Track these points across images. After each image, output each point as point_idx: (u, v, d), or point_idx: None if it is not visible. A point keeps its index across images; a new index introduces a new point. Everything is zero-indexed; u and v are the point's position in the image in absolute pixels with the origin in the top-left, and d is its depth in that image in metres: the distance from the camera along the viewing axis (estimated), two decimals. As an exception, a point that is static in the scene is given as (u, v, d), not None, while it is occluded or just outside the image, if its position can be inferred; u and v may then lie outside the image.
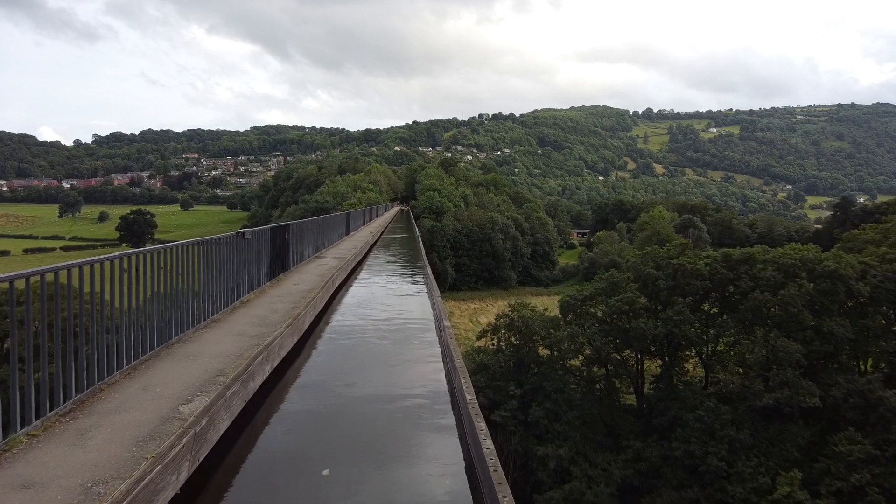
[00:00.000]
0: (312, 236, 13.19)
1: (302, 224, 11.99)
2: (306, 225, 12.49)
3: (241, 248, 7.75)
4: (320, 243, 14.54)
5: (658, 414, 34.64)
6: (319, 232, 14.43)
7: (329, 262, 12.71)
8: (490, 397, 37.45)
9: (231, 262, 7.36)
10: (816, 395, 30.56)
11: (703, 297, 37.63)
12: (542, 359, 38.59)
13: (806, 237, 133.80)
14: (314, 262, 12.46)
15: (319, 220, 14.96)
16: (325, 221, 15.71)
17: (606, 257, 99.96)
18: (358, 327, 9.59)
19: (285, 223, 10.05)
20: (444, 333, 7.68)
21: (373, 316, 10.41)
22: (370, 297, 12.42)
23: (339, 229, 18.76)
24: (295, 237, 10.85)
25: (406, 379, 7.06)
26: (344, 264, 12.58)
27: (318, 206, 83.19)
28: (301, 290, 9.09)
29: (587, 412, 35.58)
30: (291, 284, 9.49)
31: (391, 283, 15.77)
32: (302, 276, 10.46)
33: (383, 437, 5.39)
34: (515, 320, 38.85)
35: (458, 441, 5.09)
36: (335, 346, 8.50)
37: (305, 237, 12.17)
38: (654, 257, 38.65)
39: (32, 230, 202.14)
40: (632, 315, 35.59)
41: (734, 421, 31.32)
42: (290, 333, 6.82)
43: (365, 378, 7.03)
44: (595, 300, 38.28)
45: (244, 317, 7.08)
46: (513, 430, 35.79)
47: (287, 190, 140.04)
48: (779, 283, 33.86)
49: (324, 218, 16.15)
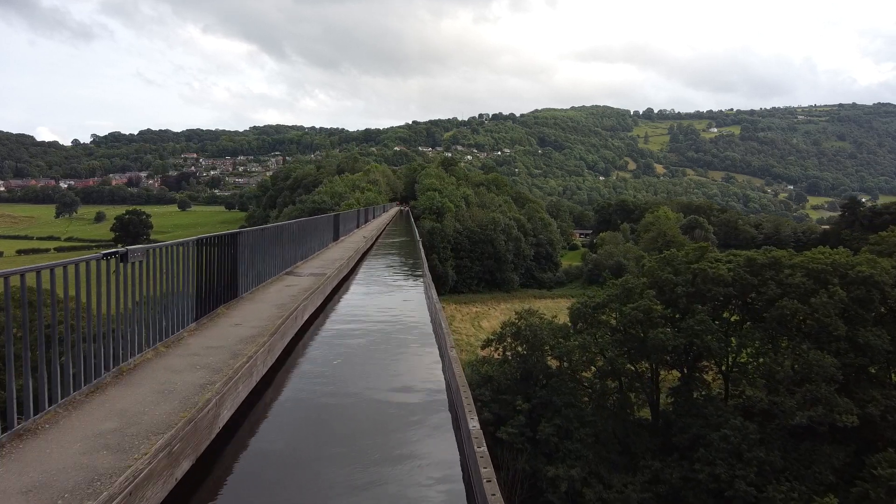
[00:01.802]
0: (282, 247, 10.32)
1: (263, 232, 8.97)
2: (270, 233, 9.48)
3: (137, 274, 4.87)
4: (295, 254, 11.62)
5: (678, 431, 32.00)
6: (294, 240, 11.52)
7: (302, 281, 9.76)
8: (496, 412, 34.86)
9: (110, 299, 4.42)
10: (854, 412, 27.96)
11: (723, 304, 34.96)
12: (551, 370, 35.98)
13: (813, 238, 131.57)
14: (280, 283, 9.53)
15: (293, 226, 11.60)
16: (302, 227, 12.34)
17: (611, 259, 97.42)
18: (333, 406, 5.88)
19: (233, 231, 7.30)
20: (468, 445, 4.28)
21: (353, 389, 6.44)
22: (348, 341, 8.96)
23: (325, 235, 15.84)
24: (250, 251, 8.09)
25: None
26: (321, 284, 9.69)
27: (316, 206, 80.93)
28: (241, 335, 6.09)
29: (601, 429, 32.97)
30: (230, 325, 6.52)
31: (386, 294, 13.18)
32: (254, 307, 7.48)
33: None
34: (522, 329, 36.24)
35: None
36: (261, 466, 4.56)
37: (270, 249, 9.38)
38: (672, 261, 35.99)
39: (28, 231, 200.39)
40: (648, 324, 32.95)
41: (763, 441, 28.69)
42: (173, 460, 3.50)
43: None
44: (608, 307, 35.64)
45: (97, 414, 3.88)
46: (520, 448, 33.18)
47: (285, 190, 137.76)
48: (809, 290, 31.24)
49: (301, 222, 12.49)
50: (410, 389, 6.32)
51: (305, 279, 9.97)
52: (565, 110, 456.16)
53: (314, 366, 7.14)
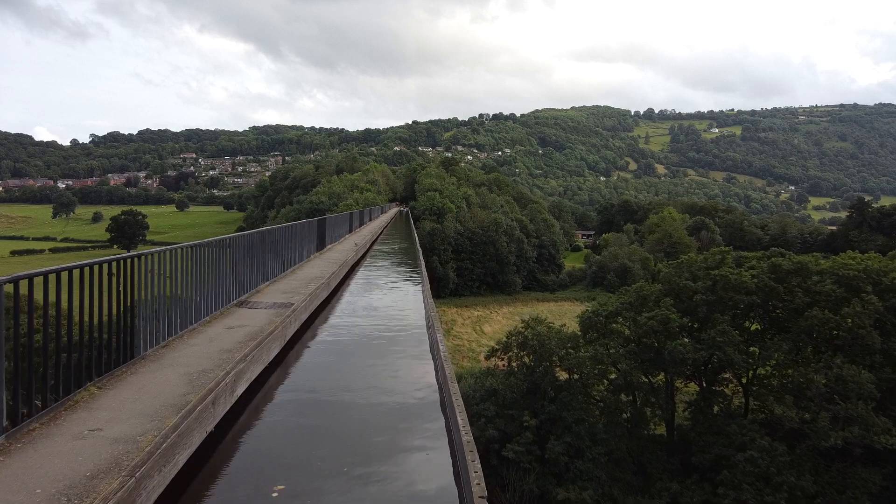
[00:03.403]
0: (234, 267, 7.46)
1: (197, 250, 6.21)
2: (212, 252, 6.64)
3: None
4: (257, 275, 8.82)
5: (698, 450, 29.66)
6: (257, 256, 8.72)
7: (255, 318, 6.84)
8: (501, 428, 32.51)
9: None
10: (894, 433, 25.63)
11: (745, 313, 32.59)
12: (560, 382, 33.65)
13: (820, 240, 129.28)
14: (222, 323, 6.61)
15: (254, 238, 8.59)
16: (269, 238, 9.40)
17: (616, 261, 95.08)
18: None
19: (132, 255, 4.92)
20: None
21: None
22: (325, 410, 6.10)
23: (305, 245, 13.01)
24: (171, 280, 5.42)
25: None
26: (281, 322, 6.79)
27: (313, 206, 78.94)
28: (74, 475, 3.13)
29: (614, 447, 30.63)
30: (74, 437, 3.58)
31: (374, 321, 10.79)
32: (150, 382, 4.53)
33: None
34: (530, 338, 33.89)
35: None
36: None
37: (214, 273, 6.66)
38: (691, 267, 33.63)
39: (24, 231, 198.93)
40: (665, 334, 30.61)
41: (793, 463, 26.37)
42: None
43: None
44: (622, 316, 33.29)
45: None
46: (528, 468, 30.85)
47: (283, 190, 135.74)
48: (840, 299, 28.93)
49: (268, 232, 9.50)
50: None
51: (262, 314, 7.15)
52: (566, 110, 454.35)
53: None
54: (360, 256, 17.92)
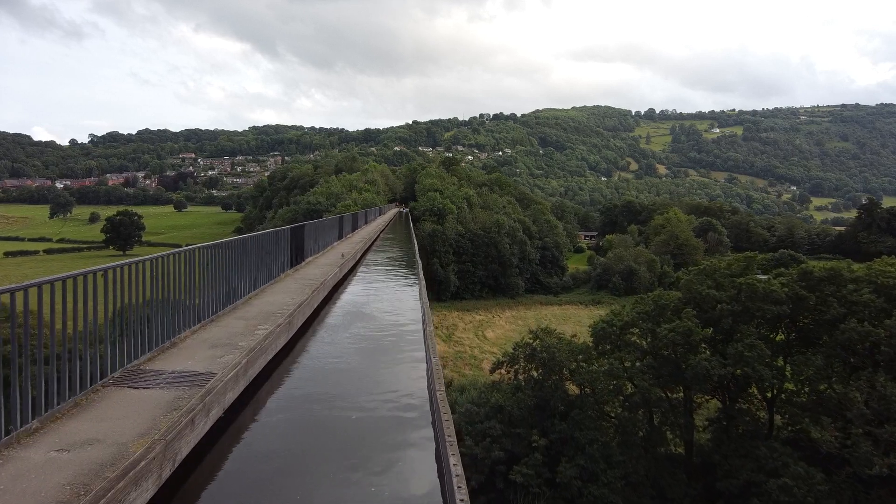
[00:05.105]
0: (93, 326, 4.37)
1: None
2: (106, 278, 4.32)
3: None
4: (174, 320, 5.94)
5: (724, 475, 27.18)
6: (186, 286, 6.18)
7: (133, 417, 3.97)
8: (507, 448, 30.03)
9: None
10: (944, 461, 23.22)
11: (772, 325, 30.06)
12: (571, 398, 31.15)
13: (828, 241, 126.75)
14: (39, 449, 3.58)
15: (180, 258, 6.05)
16: (204, 260, 6.64)
17: (621, 263, 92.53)
18: None
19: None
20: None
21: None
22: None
23: (275, 261, 10.16)
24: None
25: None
26: (156, 441, 3.75)
27: (311, 207, 76.74)
28: None
29: (630, 470, 28.15)
30: None
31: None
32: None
33: None
34: (538, 350, 31.42)
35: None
36: None
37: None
38: (714, 274, 31.10)
39: (21, 231, 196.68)
40: (687, 347, 28.13)
41: (832, 493, 23.90)
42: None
43: None
44: (638, 327, 30.81)
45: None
46: (537, 493, 28.38)
47: (281, 190, 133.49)
48: (880, 310, 26.48)
49: (208, 249, 6.85)
50: None
51: (147, 402, 4.21)
52: (566, 110, 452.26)
53: None
54: (350, 269, 15.24)
